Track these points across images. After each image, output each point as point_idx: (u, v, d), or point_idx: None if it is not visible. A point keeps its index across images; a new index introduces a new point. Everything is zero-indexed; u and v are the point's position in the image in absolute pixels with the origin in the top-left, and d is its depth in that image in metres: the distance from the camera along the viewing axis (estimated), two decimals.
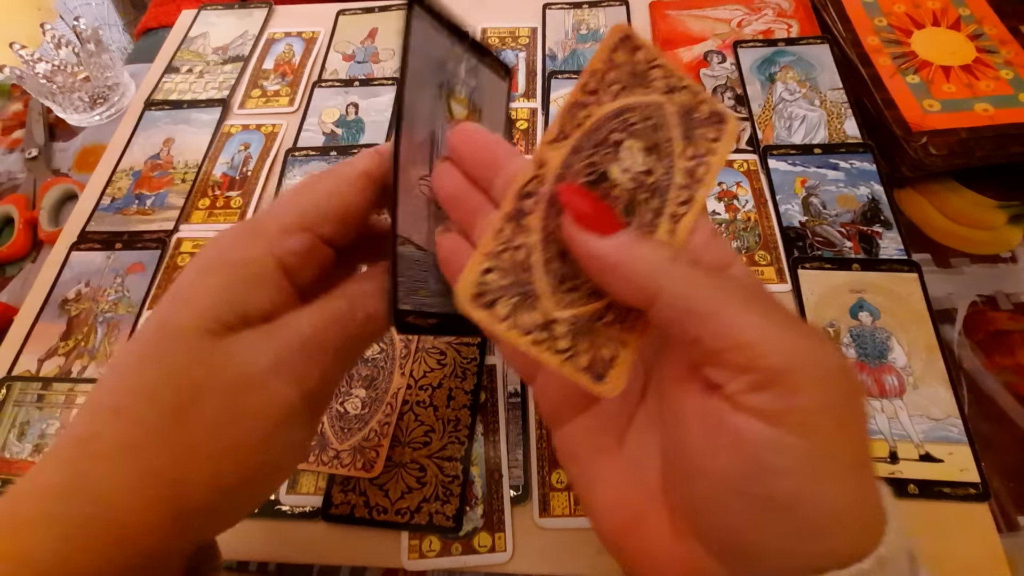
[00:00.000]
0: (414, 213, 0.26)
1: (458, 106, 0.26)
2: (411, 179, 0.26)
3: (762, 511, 0.17)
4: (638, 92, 0.22)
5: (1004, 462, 0.35)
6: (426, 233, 0.26)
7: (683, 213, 0.21)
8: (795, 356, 0.17)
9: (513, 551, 0.33)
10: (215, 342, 0.19)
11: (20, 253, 0.50)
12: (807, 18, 0.54)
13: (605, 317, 0.20)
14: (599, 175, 0.21)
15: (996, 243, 0.43)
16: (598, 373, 0.19)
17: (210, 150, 0.52)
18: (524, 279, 0.20)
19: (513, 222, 0.20)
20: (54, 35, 0.57)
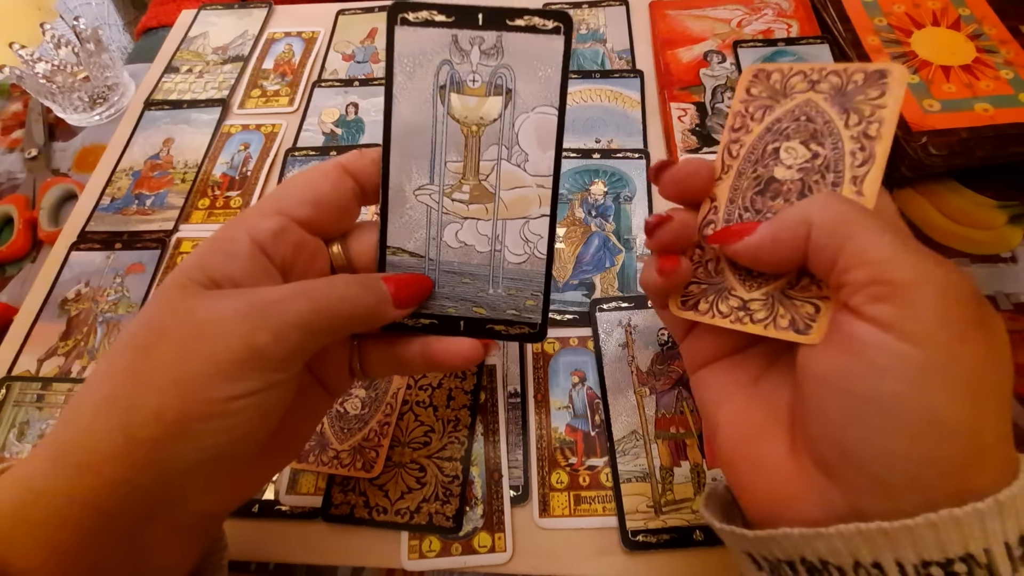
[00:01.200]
0: (408, 224, 0.27)
1: (469, 98, 0.26)
2: (406, 191, 0.27)
3: (865, 410, 0.18)
4: (782, 104, 0.24)
5: None
6: (423, 240, 0.27)
7: (865, 173, 0.22)
8: (918, 274, 0.18)
9: (513, 551, 0.33)
10: (185, 295, 0.22)
11: (20, 253, 0.50)
12: (807, 18, 0.54)
13: (798, 284, 0.23)
14: (766, 182, 0.24)
15: (996, 243, 0.43)
16: (799, 328, 0.22)
17: (210, 150, 0.52)
18: (717, 281, 0.25)
19: (699, 248, 0.26)
20: (54, 35, 0.57)
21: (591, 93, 0.51)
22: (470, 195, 0.27)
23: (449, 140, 0.26)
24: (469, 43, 0.26)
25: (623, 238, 0.43)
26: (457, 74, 0.26)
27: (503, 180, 0.27)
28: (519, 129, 0.27)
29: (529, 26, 0.25)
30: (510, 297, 0.28)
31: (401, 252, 0.27)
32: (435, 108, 0.26)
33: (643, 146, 0.48)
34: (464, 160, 0.27)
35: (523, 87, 0.26)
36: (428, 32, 0.26)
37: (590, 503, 0.34)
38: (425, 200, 0.27)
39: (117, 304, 0.44)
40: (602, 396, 0.37)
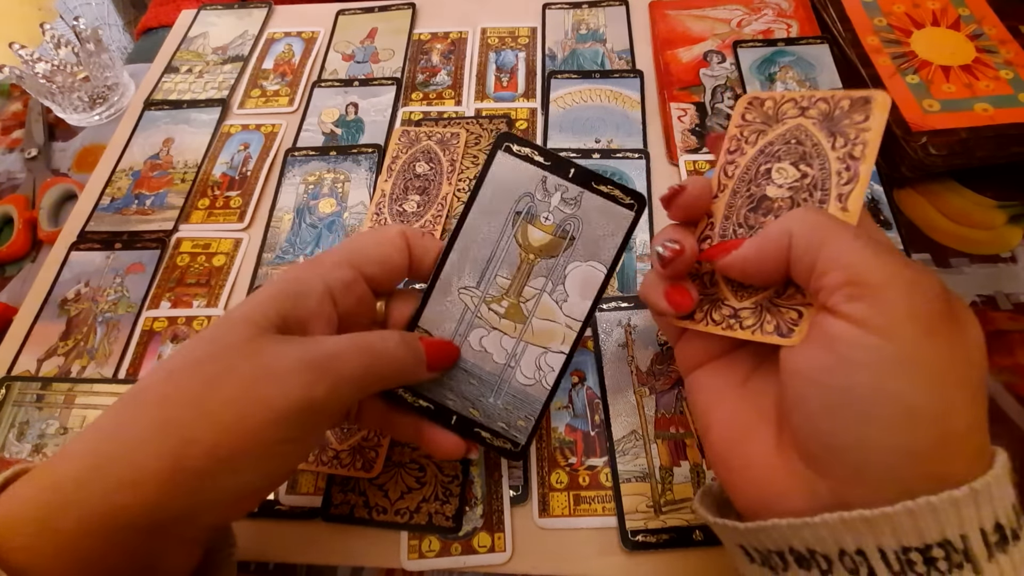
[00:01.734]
0: (443, 313, 0.30)
1: (538, 231, 0.30)
2: (452, 286, 0.30)
3: (842, 401, 0.20)
4: (775, 128, 0.26)
5: None
6: (450, 333, 0.30)
7: (849, 191, 0.24)
8: (888, 275, 0.20)
9: (513, 551, 0.33)
10: (254, 335, 0.23)
11: (20, 253, 0.50)
12: (807, 18, 0.54)
13: (784, 294, 0.24)
14: (758, 200, 0.26)
15: (996, 243, 0.43)
16: (782, 332, 0.24)
17: (209, 150, 0.52)
18: (711, 292, 0.27)
19: (696, 262, 0.27)
20: (54, 35, 0.57)
21: (591, 93, 0.51)
22: (506, 310, 0.30)
23: (507, 258, 0.30)
24: (555, 188, 0.30)
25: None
26: (536, 208, 0.30)
27: (539, 309, 0.30)
28: (568, 272, 0.30)
29: (609, 194, 0.29)
30: (506, 411, 0.30)
31: (428, 335, 0.30)
32: (505, 227, 0.30)
33: (643, 146, 0.48)
34: (512, 279, 0.30)
35: (585, 240, 0.30)
36: (524, 166, 0.30)
37: (590, 503, 0.34)
38: (466, 299, 0.30)
39: (117, 304, 0.44)
40: (602, 396, 0.37)
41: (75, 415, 0.39)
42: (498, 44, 0.57)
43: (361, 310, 0.28)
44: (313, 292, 0.25)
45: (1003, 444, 0.35)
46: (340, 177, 0.48)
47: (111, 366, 0.41)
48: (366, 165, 0.49)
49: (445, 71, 0.55)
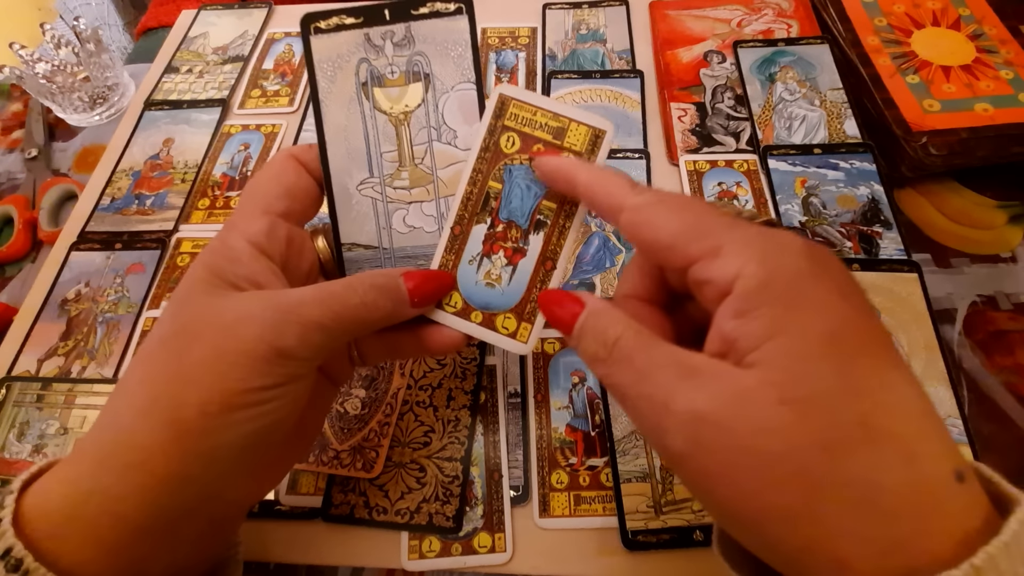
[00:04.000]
0: (357, 219, 0.28)
1: (392, 90, 0.28)
2: (349, 189, 0.28)
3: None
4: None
5: (1004, 462, 0.35)
6: (374, 232, 0.29)
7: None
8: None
9: (513, 552, 0.33)
10: (212, 298, 0.23)
11: (20, 253, 0.50)
12: (807, 18, 0.54)
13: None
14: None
15: (996, 243, 0.43)
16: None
17: (210, 150, 0.52)
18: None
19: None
20: (54, 35, 0.56)
21: (591, 93, 0.51)
22: (410, 180, 0.28)
23: (380, 133, 0.28)
24: (381, 38, 0.27)
25: (624, 238, 0.43)
26: (375, 69, 0.28)
27: (437, 160, 0.28)
28: (443, 109, 0.28)
29: (433, 12, 0.27)
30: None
31: (356, 247, 0.29)
32: (361, 105, 0.28)
33: (643, 146, 0.48)
34: (398, 148, 0.28)
35: (439, 69, 0.28)
36: (341, 36, 0.28)
37: (590, 503, 0.34)
38: (369, 193, 0.28)
39: (117, 304, 0.44)
40: (602, 396, 0.37)
41: (75, 415, 0.39)
42: (498, 44, 0.57)
43: (294, 250, 0.27)
44: (241, 255, 0.24)
45: (1003, 444, 0.35)
46: None
47: (111, 366, 0.41)
48: None
49: None
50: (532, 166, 0.26)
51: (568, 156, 0.26)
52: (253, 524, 0.35)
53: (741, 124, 0.49)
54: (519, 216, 0.27)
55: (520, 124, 0.26)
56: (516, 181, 0.27)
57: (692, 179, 0.45)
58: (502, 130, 0.26)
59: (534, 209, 0.27)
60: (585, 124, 0.26)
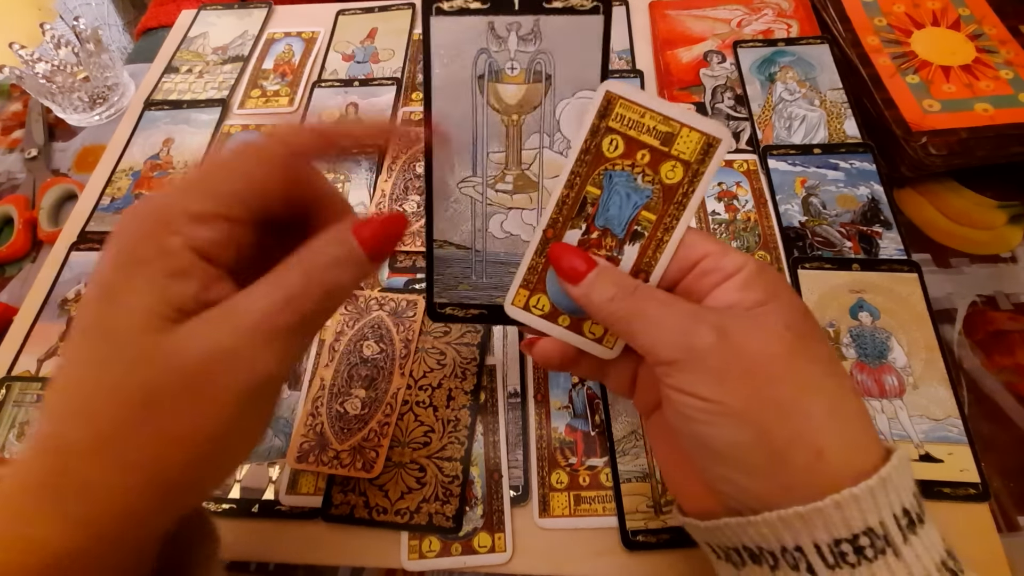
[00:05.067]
0: (453, 217, 0.27)
1: (509, 87, 0.26)
2: (449, 186, 0.27)
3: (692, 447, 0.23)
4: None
5: (1004, 462, 0.35)
6: (469, 232, 0.28)
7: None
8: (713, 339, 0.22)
9: (513, 551, 0.33)
10: (160, 337, 0.19)
11: (20, 253, 0.50)
12: (807, 18, 0.54)
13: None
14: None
15: (996, 243, 0.43)
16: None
17: (210, 150, 0.52)
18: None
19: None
20: (54, 35, 0.56)
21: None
22: (514, 185, 0.27)
23: (490, 131, 0.26)
24: (506, 29, 0.25)
25: None
26: (495, 62, 0.25)
27: (546, 168, 0.27)
28: (560, 115, 0.26)
29: (567, 7, 0.25)
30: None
31: (448, 245, 0.28)
32: (475, 99, 0.26)
33: None
34: (506, 150, 0.27)
35: (562, 72, 0.26)
36: (464, 20, 0.25)
37: (590, 503, 0.34)
38: (469, 192, 0.27)
39: None
40: (602, 396, 0.37)
41: None
42: None
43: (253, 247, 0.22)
44: (187, 268, 0.20)
45: (1003, 444, 0.35)
46: (340, 177, 0.48)
47: None
48: (366, 165, 0.49)
49: None
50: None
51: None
52: (253, 524, 0.35)
53: (741, 124, 0.49)
54: (616, 224, 0.25)
55: (626, 126, 0.24)
56: (616, 187, 0.24)
57: None
58: (606, 131, 0.24)
59: (632, 219, 0.24)
60: (698, 130, 0.23)
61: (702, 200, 0.30)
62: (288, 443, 0.36)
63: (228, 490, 0.35)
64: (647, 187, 0.24)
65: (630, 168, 0.24)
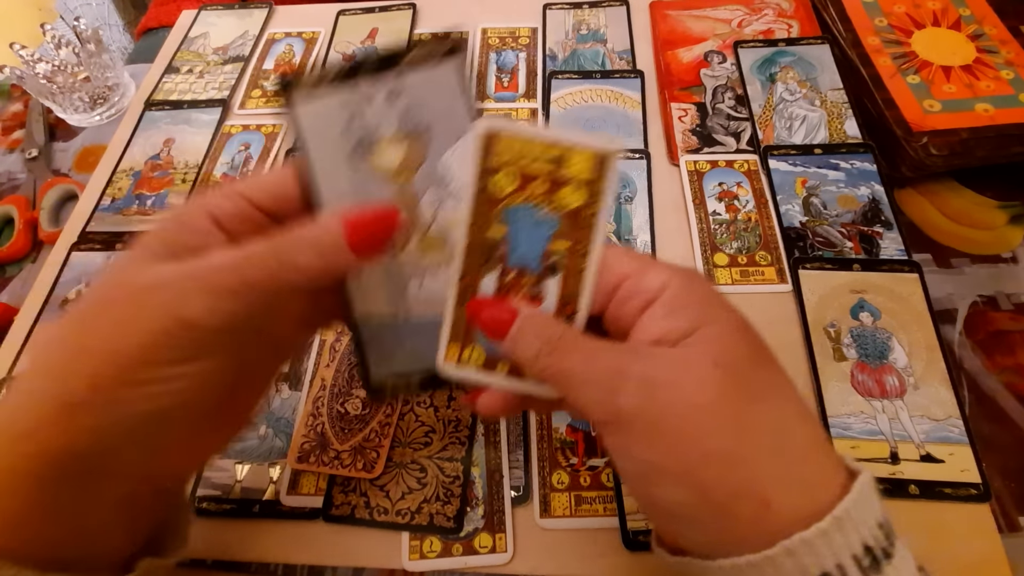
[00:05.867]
0: (371, 286, 0.26)
1: (390, 149, 0.26)
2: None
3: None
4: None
5: (1005, 462, 0.35)
6: (391, 298, 0.26)
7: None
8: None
9: (514, 552, 0.33)
10: (135, 264, 0.22)
11: (20, 253, 0.50)
12: (807, 18, 0.55)
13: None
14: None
15: (996, 243, 0.43)
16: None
17: (210, 150, 0.52)
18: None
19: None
20: (54, 35, 0.56)
21: (591, 93, 0.51)
22: (420, 245, 0.26)
23: (383, 195, 0.25)
24: (371, 94, 0.25)
25: (624, 238, 0.43)
26: (370, 125, 0.25)
27: (449, 220, 0.26)
28: (449, 163, 0.26)
29: (423, 57, 0.25)
30: None
31: (372, 318, 0.27)
32: (359, 167, 0.25)
33: (643, 146, 0.48)
34: (404, 212, 0.25)
35: (437, 122, 0.25)
36: (327, 100, 0.25)
37: (591, 503, 0.34)
38: (378, 262, 0.26)
39: None
40: None
41: None
42: (499, 44, 0.57)
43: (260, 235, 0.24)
44: (195, 221, 0.23)
45: (1004, 444, 0.35)
46: None
47: None
48: None
49: None
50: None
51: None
52: (253, 524, 0.35)
53: (742, 124, 0.49)
54: (530, 261, 0.24)
55: (514, 160, 0.23)
56: (520, 224, 0.23)
57: (692, 179, 0.45)
58: (493, 171, 0.23)
59: (544, 252, 0.23)
60: (587, 148, 0.22)
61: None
62: (289, 443, 0.36)
63: (229, 490, 0.35)
64: (551, 216, 0.23)
65: (529, 201, 0.23)
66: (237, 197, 0.24)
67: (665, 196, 0.45)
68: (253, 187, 0.24)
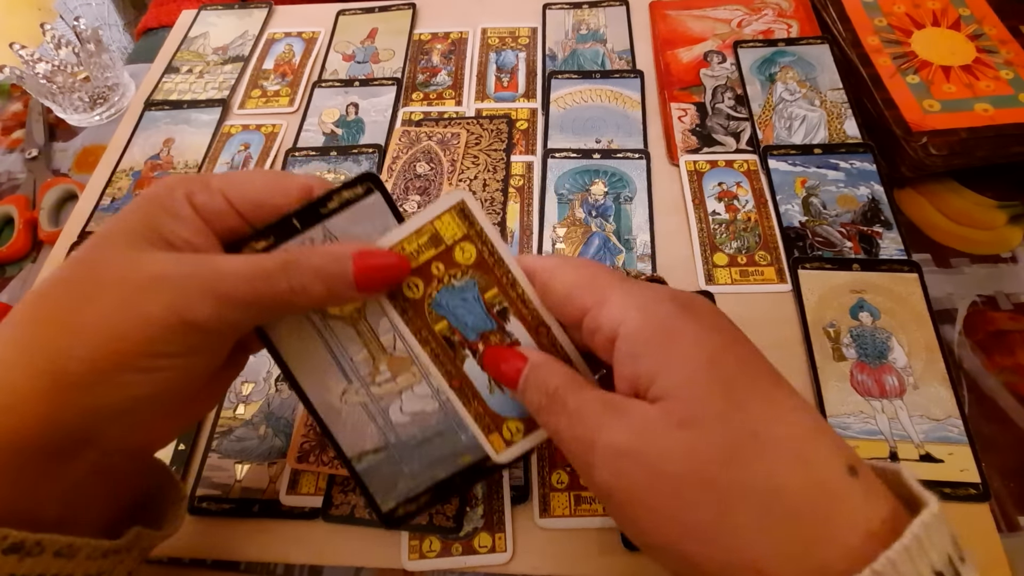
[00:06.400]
0: (355, 425, 0.27)
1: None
2: (334, 404, 0.27)
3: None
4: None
5: (1004, 462, 0.35)
6: (377, 434, 0.28)
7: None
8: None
9: (513, 551, 0.33)
10: (133, 253, 0.22)
11: (20, 253, 0.50)
12: (807, 18, 0.55)
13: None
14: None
15: (996, 243, 0.43)
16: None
17: (210, 150, 0.52)
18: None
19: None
20: (54, 35, 0.57)
21: (591, 93, 0.51)
22: (391, 369, 0.27)
23: (342, 339, 0.27)
24: (312, 239, 0.25)
25: (623, 238, 0.43)
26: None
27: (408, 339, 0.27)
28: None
29: (343, 203, 0.25)
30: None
31: (365, 456, 0.28)
32: (312, 321, 0.26)
33: (643, 146, 0.48)
34: (366, 346, 0.27)
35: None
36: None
37: (591, 503, 0.34)
38: (354, 400, 0.27)
39: None
40: None
41: None
42: (498, 44, 0.57)
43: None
44: (182, 210, 0.23)
45: (1003, 444, 0.35)
46: (341, 177, 0.48)
47: None
48: (367, 165, 0.49)
49: (445, 71, 0.55)
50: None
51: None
52: (253, 524, 0.35)
53: (741, 124, 0.49)
54: (483, 323, 0.25)
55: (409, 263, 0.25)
56: (450, 307, 0.25)
57: (692, 179, 0.45)
58: (396, 286, 0.25)
59: (485, 309, 0.25)
60: (443, 212, 0.24)
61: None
62: (288, 443, 0.36)
63: (228, 490, 0.35)
64: (465, 281, 0.25)
65: (441, 284, 0.25)
66: (218, 195, 0.23)
67: (665, 196, 0.45)
68: (236, 191, 0.24)
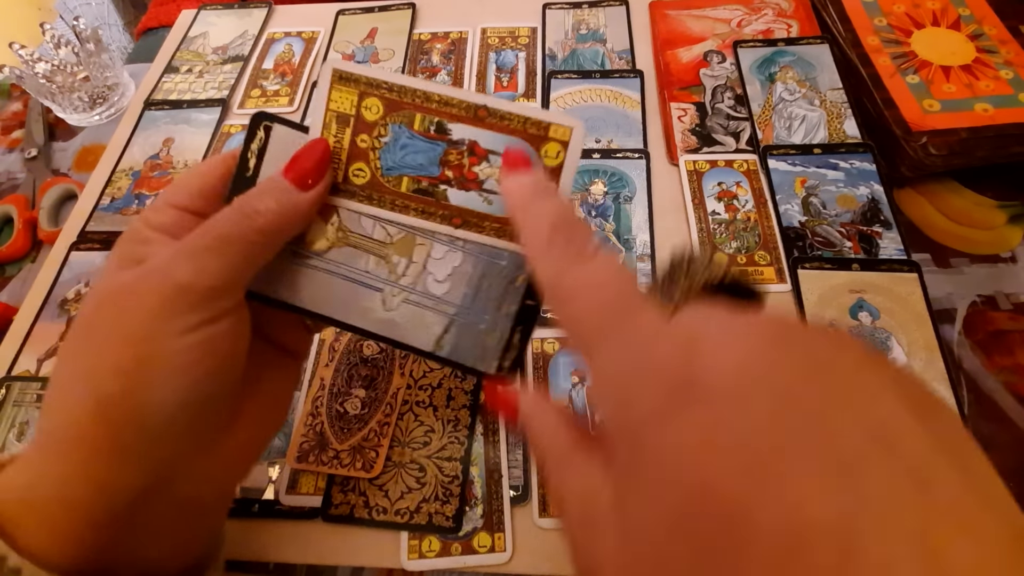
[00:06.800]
0: (413, 321, 0.27)
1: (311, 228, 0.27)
2: (385, 316, 0.27)
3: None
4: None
5: (1004, 462, 0.34)
6: (433, 311, 0.27)
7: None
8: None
9: (513, 551, 0.33)
10: (116, 272, 0.23)
11: (20, 253, 0.50)
12: (807, 18, 0.54)
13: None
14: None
15: (996, 243, 0.43)
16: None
17: (210, 150, 0.52)
18: None
19: None
20: (54, 35, 0.56)
21: (591, 93, 0.51)
22: (402, 256, 0.27)
23: (347, 262, 0.27)
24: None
25: (623, 238, 0.43)
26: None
27: (392, 222, 0.27)
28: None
29: (259, 152, 0.26)
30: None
31: (441, 340, 0.27)
32: (315, 268, 0.27)
33: (643, 146, 0.48)
34: (369, 253, 0.27)
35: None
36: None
37: None
38: (395, 301, 0.27)
39: None
40: None
41: None
42: (498, 44, 0.57)
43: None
44: (149, 235, 0.24)
45: (1003, 444, 0.35)
46: None
47: None
48: None
49: (445, 71, 0.55)
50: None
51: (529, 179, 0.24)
52: (253, 524, 0.35)
53: (741, 124, 0.49)
54: (433, 151, 0.25)
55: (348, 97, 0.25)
56: (398, 162, 0.26)
57: (692, 179, 0.45)
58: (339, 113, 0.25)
59: (425, 137, 0.25)
60: (328, 91, 0.25)
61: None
62: (288, 443, 0.36)
63: None
64: (391, 130, 0.25)
65: (375, 150, 0.26)
66: (166, 208, 0.25)
67: (664, 196, 0.45)
68: (178, 195, 0.25)
